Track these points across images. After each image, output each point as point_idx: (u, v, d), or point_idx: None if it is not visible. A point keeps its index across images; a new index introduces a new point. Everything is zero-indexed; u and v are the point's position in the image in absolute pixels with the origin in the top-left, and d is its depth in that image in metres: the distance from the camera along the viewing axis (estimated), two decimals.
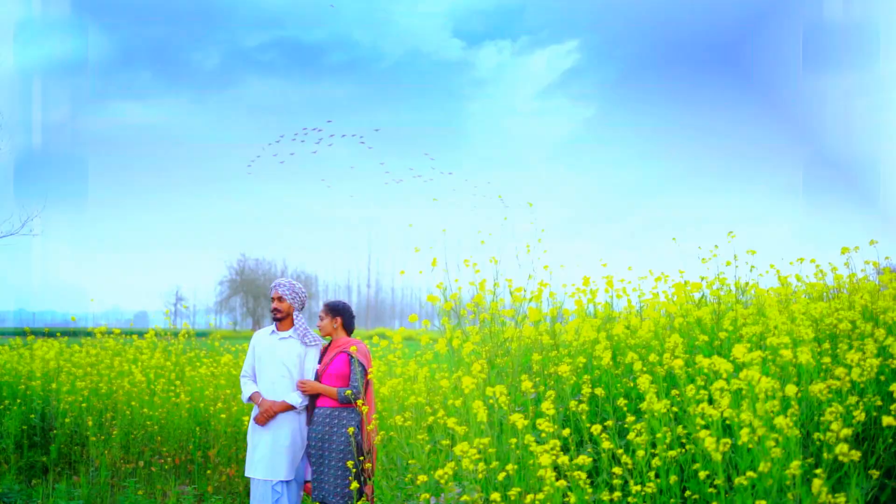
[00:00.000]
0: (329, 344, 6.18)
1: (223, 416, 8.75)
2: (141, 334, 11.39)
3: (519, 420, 3.80)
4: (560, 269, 5.58)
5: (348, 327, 6.22)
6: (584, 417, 4.15)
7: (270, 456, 5.96)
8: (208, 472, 8.60)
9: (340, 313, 6.18)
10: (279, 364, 6.09)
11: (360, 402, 5.74)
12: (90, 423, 8.41)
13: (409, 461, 4.57)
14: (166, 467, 8.56)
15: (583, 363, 4.92)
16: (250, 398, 6.12)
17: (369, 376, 5.94)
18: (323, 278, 79.89)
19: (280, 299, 6.19)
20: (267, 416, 5.96)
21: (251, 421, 6.12)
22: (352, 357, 5.91)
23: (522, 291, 5.28)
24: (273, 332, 6.23)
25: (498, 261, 5.21)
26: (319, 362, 6.10)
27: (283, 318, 6.19)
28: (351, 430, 5.72)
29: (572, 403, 4.13)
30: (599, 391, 4.68)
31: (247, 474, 6.08)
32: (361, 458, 5.77)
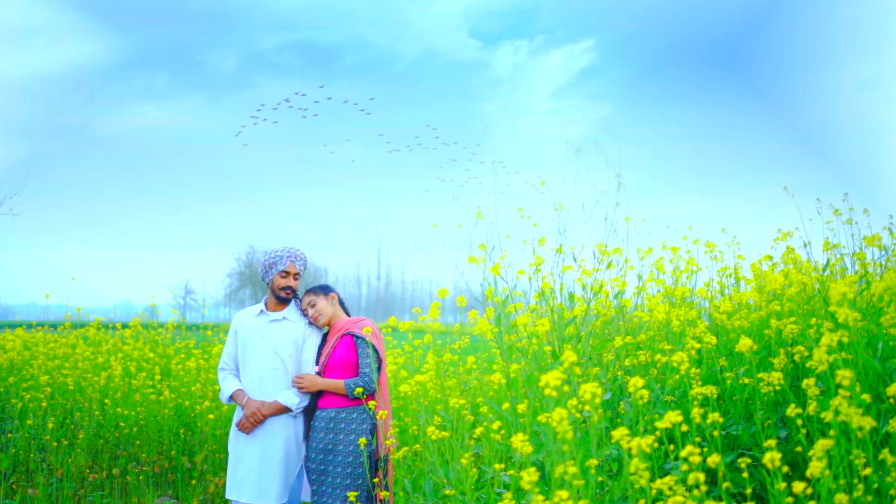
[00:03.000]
0: (327, 332, 4.82)
1: (211, 416, 7.40)
2: (126, 325, 10.12)
3: (624, 438, 2.40)
4: (643, 223, 4.18)
5: (345, 306, 4.86)
6: (716, 434, 2.74)
7: (258, 473, 4.58)
8: (193, 481, 7.25)
9: (333, 289, 4.82)
10: (270, 353, 4.71)
11: (372, 403, 4.37)
12: (50, 424, 7.06)
13: (447, 492, 3.18)
14: (141, 477, 7.20)
15: (697, 349, 3.51)
16: (231, 397, 4.74)
17: (384, 367, 4.58)
18: (333, 271, 78.90)
19: (297, 275, 4.81)
20: (254, 421, 4.58)
21: (233, 427, 4.74)
22: (358, 339, 4.54)
23: (604, 250, 3.87)
24: (262, 312, 4.84)
25: (564, 207, 3.80)
26: (318, 354, 4.73)
27: (291, 299, 4.83)
28: (363, 441, 4.35)
29: (695, 411, 2.72)
30: (711, 389, 3.30)
31: (228, 496, 4.70)
32: (376, 479, 4.40)
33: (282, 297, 4.77)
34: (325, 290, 4.76)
